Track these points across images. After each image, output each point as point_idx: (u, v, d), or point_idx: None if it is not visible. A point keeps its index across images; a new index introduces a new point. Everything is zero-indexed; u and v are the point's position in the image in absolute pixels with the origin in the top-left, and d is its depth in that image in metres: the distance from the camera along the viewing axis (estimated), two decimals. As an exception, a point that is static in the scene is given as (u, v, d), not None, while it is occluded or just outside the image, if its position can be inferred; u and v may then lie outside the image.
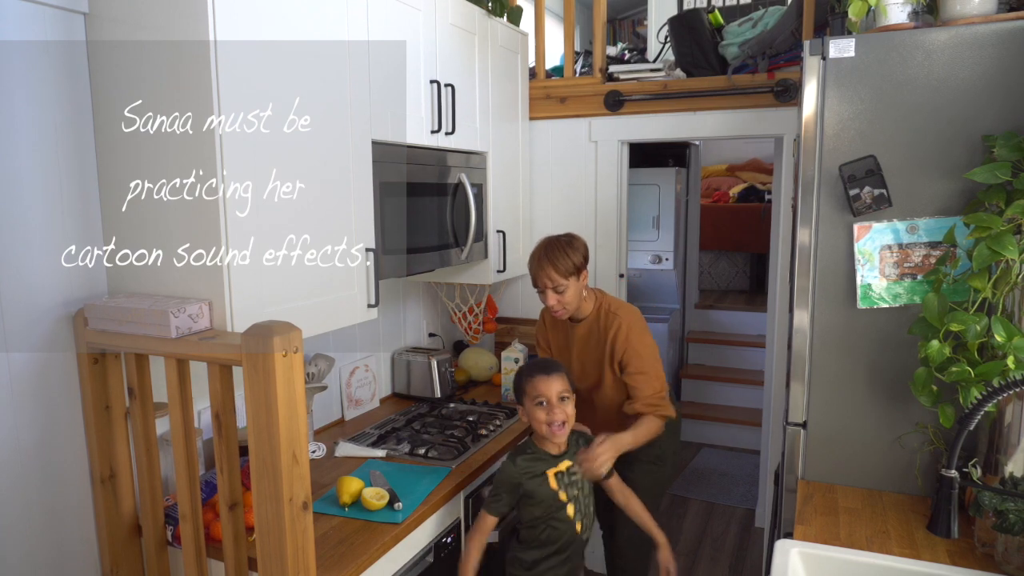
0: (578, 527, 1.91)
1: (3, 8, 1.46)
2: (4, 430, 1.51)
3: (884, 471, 1.81)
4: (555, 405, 1.84)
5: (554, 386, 1.85)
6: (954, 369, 1.53)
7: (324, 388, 2.29)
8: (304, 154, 1.72)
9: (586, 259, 2.15)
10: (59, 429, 1.62)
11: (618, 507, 2.06)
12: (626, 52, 3.61)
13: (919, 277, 1.72)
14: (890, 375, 1.77)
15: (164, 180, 1.55)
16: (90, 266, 1.65)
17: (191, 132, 1.49)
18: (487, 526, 1.90)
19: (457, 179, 2.41)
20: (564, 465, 1.91)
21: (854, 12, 1.76)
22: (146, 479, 1.65)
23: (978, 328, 1.51)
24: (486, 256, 2.67)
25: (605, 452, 1.90)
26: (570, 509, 1.90)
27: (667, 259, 5.00)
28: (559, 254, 2.08)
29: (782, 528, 1.93)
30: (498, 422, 2.48)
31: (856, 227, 1.75)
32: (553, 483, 1.89)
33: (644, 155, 4.85)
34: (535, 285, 2.15)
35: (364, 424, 2.49)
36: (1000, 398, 1.28)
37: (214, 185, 1.49)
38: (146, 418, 1.63)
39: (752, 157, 6.41)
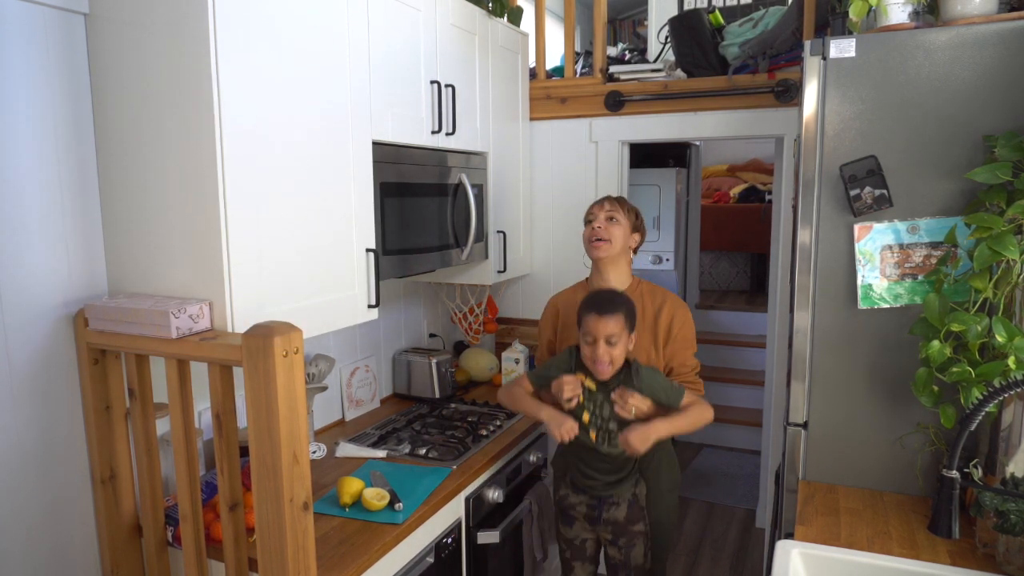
0: (592, 435, 1.93)
1: (3, 8, 1.46)
2: (4, 430, 1.51)
3: (885, 471, 1.81)
4: (600, 344, 1.85)
5: (604, 327, 1.84)
6: (955, 369, 1.53)
7: (324, 388, 2.29)
8: (304, 154, 1.72)
9: (641, 229, 2.15)
10: (59, 429, 1.61)
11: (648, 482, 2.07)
12: (626, 52, 3.61)
13: (920, 277, 1.72)
14: (891, 375, 1.77)
15: (164, 179, 1.55)
16: (90, 266, 1.65)
17: (192, 132, 1.49)
18: (524, 384, 2.06)
19: (457, 179, 2.41)
20: (591, 383, 1.92)
21: (855, 12, 1.76)
22: (146, 479, 1.65)
23: (979, 328, 1.51)
24: (486, 256, 2.67)
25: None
26: (585, 416, 1.93)
27: (668, 259, 5.00)
28: (625, 200, 2.13)
29: (783, 528, 1.93)
30: (498, 422, 2.48)
31: (857, 227, 1.75)
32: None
33: (645, 155, 4.85)
34: (588, 217, 2.10)
35: (365, 424, 2.49)
36: (1001, 398, 1.28)
37: (215, 185, 1.49)
38: (146, 418, 1.63)
39: (753, 157, 6.42)
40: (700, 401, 1.97)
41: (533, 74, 3.08)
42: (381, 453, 2.20)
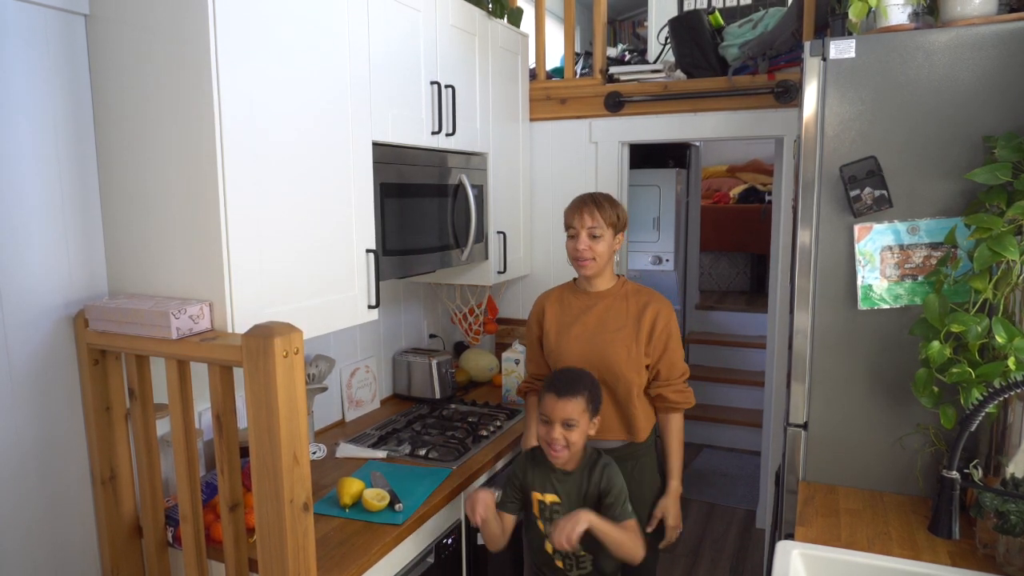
0: (548, 547, 1.84)
1: (3, 9, 1.46)
2: (4, 431, 1.51)
3: (885, 472, 1.81)
4: (556, 427, 1.74)
5: (562, 410, 1.74)
6: (955, 370, 1.53)
7: (325, 389, 2.29)
8: (305, 155, 1.72)
9: (624, 225, 2.06)
10: (59, 430, 1.61)
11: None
12: (626, 53, 3.61)
13: (920, 278, 1.72)
14: (891, 376, 1.77)
15: (165, 180, 1.55)
16: (90, 266, 1.65)
17: (192, 132, 1.49)
18: (506, 524, 1.85)
19: (457, 180, 2.41)
20: (549, 498, 1.83)
21: (854, 13, 1.76)
22: (146, 480, 1.65)
23: (979, 329, 1.51)
24: (486, 257, 2.67)
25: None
26: (542, 526, 1.85)
27: (667, 260, 5.00)
28: (604, 201, 2.00)
29: (783, 529, 1.93)
30: (499, 423, 2.48)
31: (857, 228, 1.75)
32: (535, 508, 1.85)
33: (644, 156, 4.84)
34: (568, 228, 2.01)
35: (365, 425, 2.49)
36: (1001, 399, 1.28)
37: (215, 185, 1.49)
38: (147, 419, 1.63)
39: (753, 158, 6.41)
40: (638, 535, 1.79)
41: (533, 75, 3.09)
42: (381, 454, 2.20)
